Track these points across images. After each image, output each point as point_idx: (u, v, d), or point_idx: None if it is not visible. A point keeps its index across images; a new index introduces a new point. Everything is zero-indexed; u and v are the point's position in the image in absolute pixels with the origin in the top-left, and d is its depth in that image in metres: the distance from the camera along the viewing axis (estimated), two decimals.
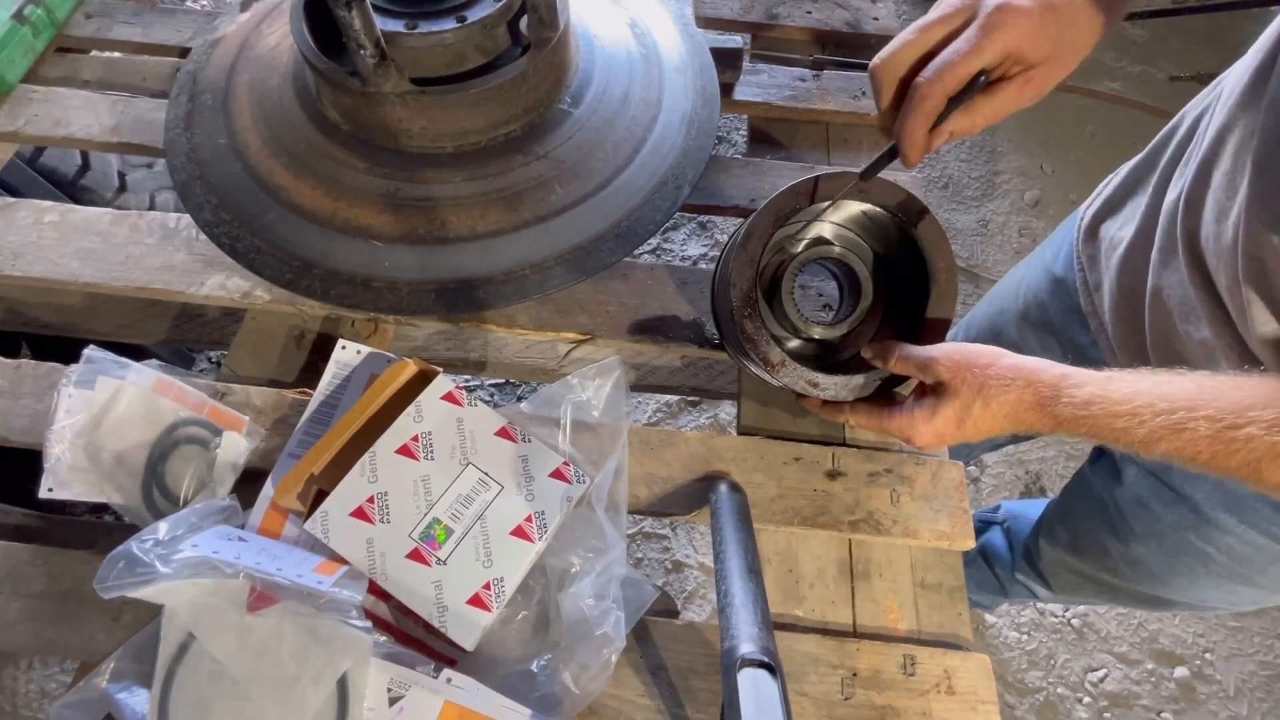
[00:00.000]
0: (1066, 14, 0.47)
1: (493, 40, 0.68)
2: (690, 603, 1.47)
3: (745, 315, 0.59)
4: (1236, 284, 0.52)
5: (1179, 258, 0.59)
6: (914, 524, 0.64)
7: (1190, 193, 0.57)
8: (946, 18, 0.49)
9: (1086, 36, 0.49)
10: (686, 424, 1.65)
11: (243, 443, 0.62)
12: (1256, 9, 2.11)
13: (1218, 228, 0.53)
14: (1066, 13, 0.47)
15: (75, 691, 0.51)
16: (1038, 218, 2.04)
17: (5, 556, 0.60)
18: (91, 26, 0.91)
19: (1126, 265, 0.67)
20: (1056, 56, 0.48)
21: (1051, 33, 0.47)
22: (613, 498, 0.61)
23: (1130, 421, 0.46)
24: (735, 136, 2.03)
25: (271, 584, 0.49)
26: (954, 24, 0.49)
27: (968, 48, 0.47)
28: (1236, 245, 0.51)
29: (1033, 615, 1.50)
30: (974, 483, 1.65)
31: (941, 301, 0.60)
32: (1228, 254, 0.52)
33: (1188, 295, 0.58)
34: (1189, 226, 0.57)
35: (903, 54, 0.50)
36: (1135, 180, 0.70)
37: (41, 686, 1.29)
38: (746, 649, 0.46)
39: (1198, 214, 0.56)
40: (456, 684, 0.51)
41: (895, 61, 0.50)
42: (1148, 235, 0.64)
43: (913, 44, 0.49)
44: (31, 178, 1.07)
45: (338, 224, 0.69)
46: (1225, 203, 0.52)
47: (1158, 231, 0.62)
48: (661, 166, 0.75)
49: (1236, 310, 0.53)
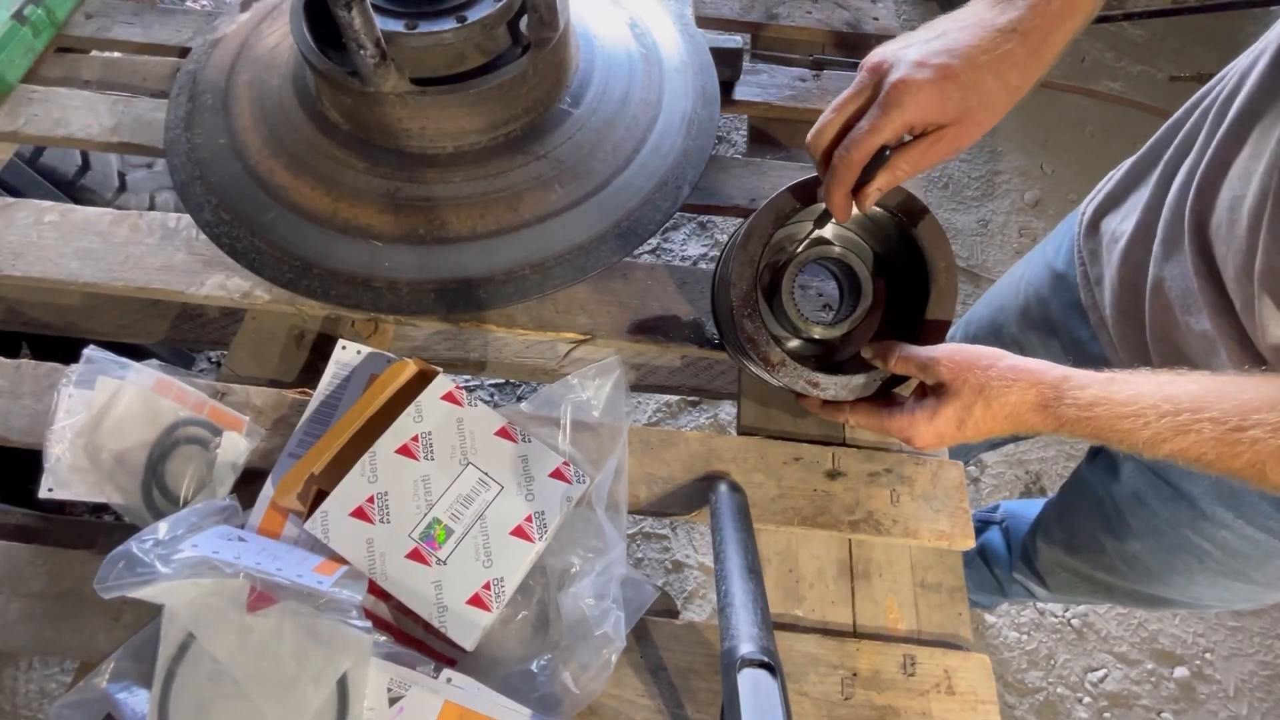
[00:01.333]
0: (968, 80, 0.49)
1: (493, 40, 0.68)
2: (690, 603, 1.47)
3: (745, 315, 0.59)
4: (1245, 274, 0.52)
5: (1184, 248, 0.59)
6: (914, 524, 0.64)
7: (1203, 180, 0.57)
8: (858, 92, 0.52)
9: (997, 96, 0.50)
10: (686, 424, 1.65)
11: (243, 443, 0.62)
12: (1256, 9, 2.11)
13: (1230, 215, 0.53)
14: (968, 79, 0.49)
15: (75, 691, 0.51)
16: (1038, 218, 2.04)
17: (5, 556, 0.60)
18: (91, 26, 0.91)
19: (1128, 258, 0.68)
20: (966, 117, 0.50)
21: (954, 99, 0.49)
22: (613, 498, 0.61)
23: (1135, 423, 0.47)
24: (735, 136, 2.03)
25: (271, 584, 0.49)
26: (864, 98, 0.52)
27: (869, 126, 0.51)
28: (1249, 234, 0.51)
29: (1032, 615, 1.50)
30: (974, 483, 1.65)
31: (941, 302, 0.60)
32: (1239, 243, 0.52)
33: (1190, 286, 0.58)
34: (1199, 214, 0.57)
35: (825, 132, 0.54)
36: (1137, 174, 0.71)
37: (41, 686, 1.29)
38: (746, 649, 0.46)
39: (1210, 202, 0.56)
40: (456, 684, 0.51)
41: (819, 138, 0.54)
42: (1149, 228, 0.64)
43: (832, 123, 0.53)
44: (31, 178, 1.07)
45: (338, 224, 0.69)
46: (1240, 190, 0.52)
47: (1161, 223, 0.62)
48: (661, 166, 0.75)
49: (1243, 301, 0.53)
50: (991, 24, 0.50)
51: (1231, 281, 0.54)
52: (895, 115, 0.50)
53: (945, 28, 0.51)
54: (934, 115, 0.50)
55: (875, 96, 0.51)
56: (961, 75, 0.49)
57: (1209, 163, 0.56)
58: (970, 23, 0.51)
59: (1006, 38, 0.49)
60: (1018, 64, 0.50)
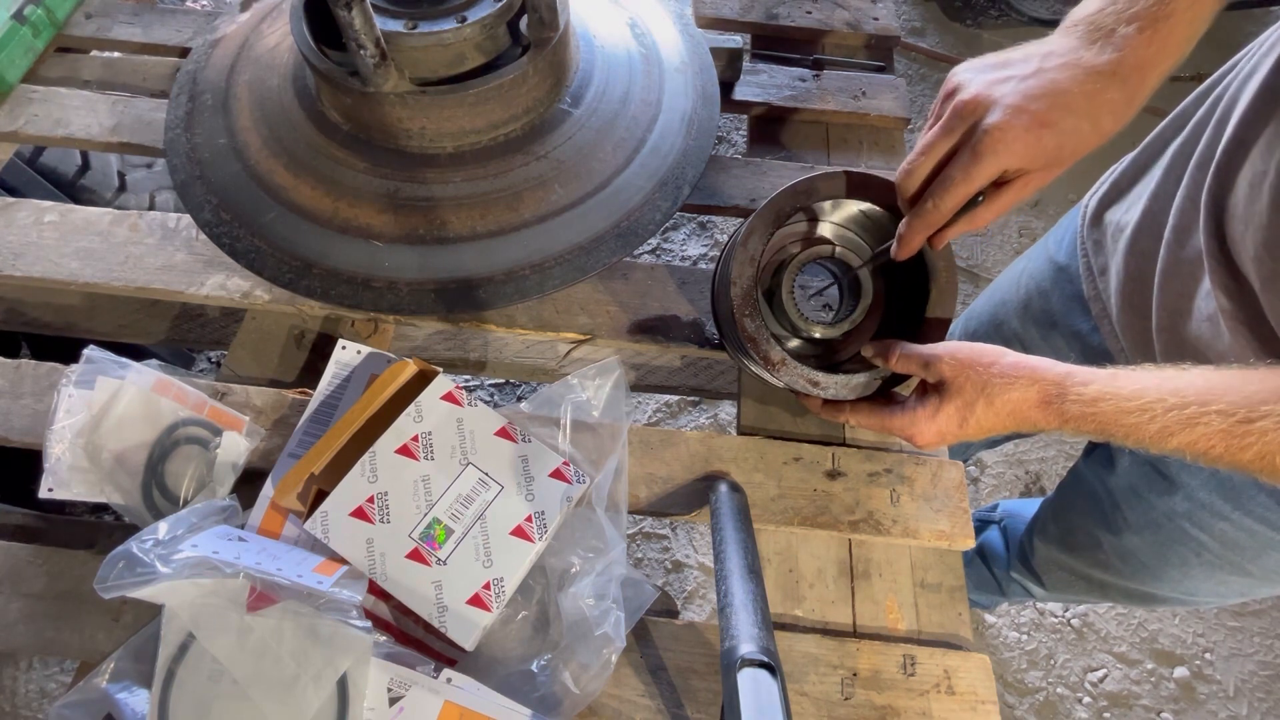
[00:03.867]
0: (1065, 127, 0.48)
1: (493, 40, 0.68)
2: (690, 603, 1.47)
3: (746, 314, 0.59)
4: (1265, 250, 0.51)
5: (1197, 232, 0.58)
6: (914, 524, 0.64)
7: (1222, 161, 0.56)
8: (948, 133, 0.51)
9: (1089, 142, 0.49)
10: (686, 424, 1.65)
11: (243, 443, 0.62)
12: (1256, 9, 2.11)
13: (1251, 193, 0.52)
14: (1064, 125, 0.48)
15: (75, 691, 0.51)
16: (1038, 218, 2.04)
17: (5, 556, 0.60)
18: (91, 26, 0.91)
19: (1134, 247, 0.68)
20: (1055, 162, 0.50)
21: (1048, 147, 0.48)
22: (613, 498, 0.61)
23: (1141, 417, 0.46)
24: (735, 136, 2.03)
25: (271, 584, 0.49)
26: (955, 139, 0.51)
27: (961, 175, 0.50)
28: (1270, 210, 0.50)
29: (1032, 615, 1.50)
30: (974, 483, 1.65)
31: (941, 301, 0.60)
32: (1260, 219, 0.51)
33: (1201, 269, 0.58)
34: (1216, 196, 0.56)
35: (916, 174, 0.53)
36: (1143, 164, 0.71)
37: (41, 686, 1.29)
38: (746, 649, 0.46)
39: (1229, 182, 0.55)
40: (456, 684, 0.51)
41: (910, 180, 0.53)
42: (1157, 216, 0.64)
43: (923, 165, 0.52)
44: (31, 178, 1.07)
45: (338, 224, 0.69)
46: (1262, 167, 0.52)
47: (1173, 209, 0.62)
48: (661, 166, 0.75)
49: (1261, 279, 0.52)
50: (1090, 65, 0.48)
51: (1249, 261, 0.53)
52: (990, 164, 0.48)
53: (1040, 65, 0.49)
54: (1027, 163, 0.49)
55: (967, 137, 0.50)
56: (1059, 123, 0.48)
57: (1228, 143, 0.56)
58: (1068, 60, 0.49)
59: (1105, 82, 0.48)
60: (1113, 110, 0.49)
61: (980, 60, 0.52)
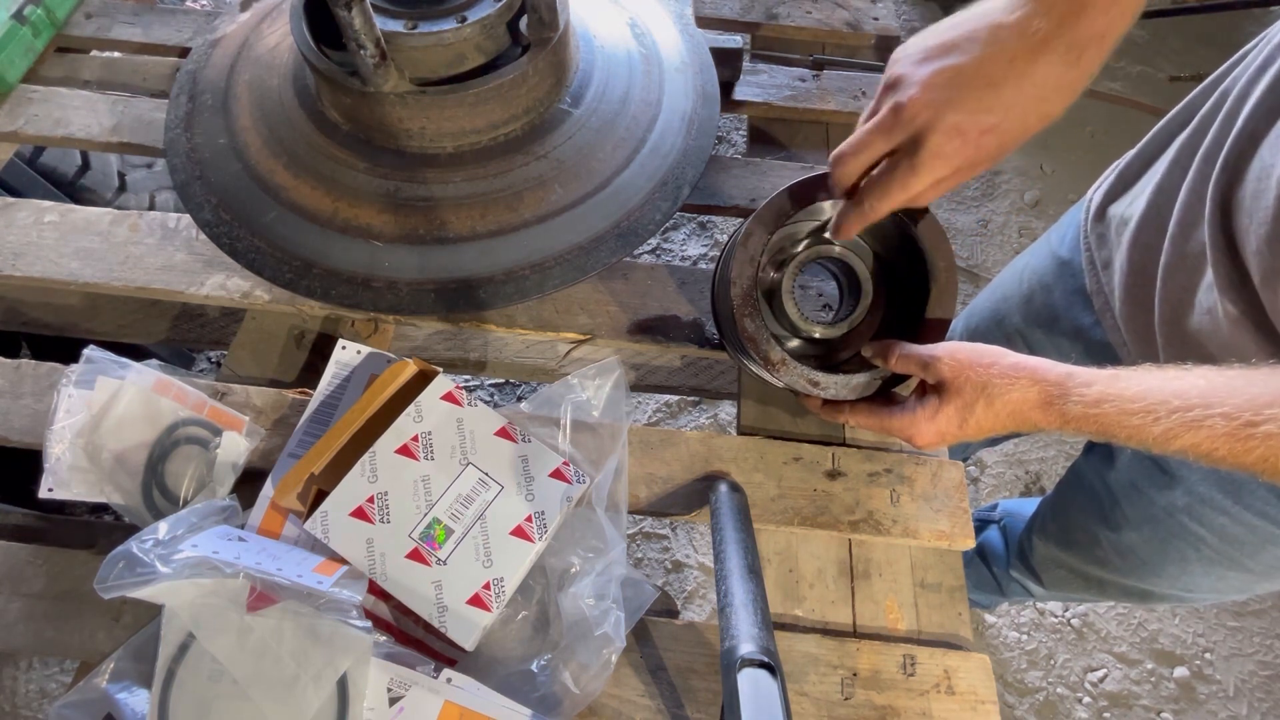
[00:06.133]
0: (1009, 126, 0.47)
1: (493, 40, 0.68)
2: (690, 603, 1.47)
3: (746, 314, 0.59)
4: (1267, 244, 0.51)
5: (1202, 225, 0.58)
6: (914, 524, 0.64)
7: (1230, 154, 0.56)
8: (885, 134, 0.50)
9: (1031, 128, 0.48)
10: (686, 424, 1.65)
11: (243, 443, 0.62)
12: (1256, 9, 2.11)
13: (1258, 186, 0.52)
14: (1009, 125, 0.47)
15: (75, 691, 0.51)
16: (1038, 218, 2.04)
17: (5, 556, 0.60)
18: (91, 26, 0.91)
19: (1138, 240, 0.67)
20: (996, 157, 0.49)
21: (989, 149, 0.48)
22: (613, 498, 0.61)
23: (1144, 419, 0.46)
24: (735, 136, 2.03)
25: (271, 584, 0.49)
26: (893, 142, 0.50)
27: (900, 188, 0.50)
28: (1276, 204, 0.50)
29: (1032, 615, 1.50)
30: (974, 483, 1.65)
31: (942, 301, 0.60)
32: (1265, 213, 0.51)
33: (1204, 263, 0.58)
34: (1223, 188, 0.56)
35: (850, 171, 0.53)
36: (1148, 158, 0.71)
37: (41, 686, 1.29)
38: (746, 649, 0.46)
39: (1237, 175, 0.55)
40: (456, 684, 0.51)
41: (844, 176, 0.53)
42: (1162, 209, 0.64)
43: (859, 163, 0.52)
44: (31, 178, 1.07)
45: (338, 224, 0.69)
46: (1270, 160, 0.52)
47: (1179, 202, 0.62)
48: (661, 166, 0.75)
49: (1262, 274, 0.52)
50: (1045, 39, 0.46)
51: (1252, 255, 0.53)
52: (926, 175, 0.49)
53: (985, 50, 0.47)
54: (966, 165, 0.49)
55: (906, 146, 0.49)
56: (1001, 125, 0.47)
57: (1237, 136, 0.56)
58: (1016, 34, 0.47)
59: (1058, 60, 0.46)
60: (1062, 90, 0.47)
61: (923, 41, 0.50)
